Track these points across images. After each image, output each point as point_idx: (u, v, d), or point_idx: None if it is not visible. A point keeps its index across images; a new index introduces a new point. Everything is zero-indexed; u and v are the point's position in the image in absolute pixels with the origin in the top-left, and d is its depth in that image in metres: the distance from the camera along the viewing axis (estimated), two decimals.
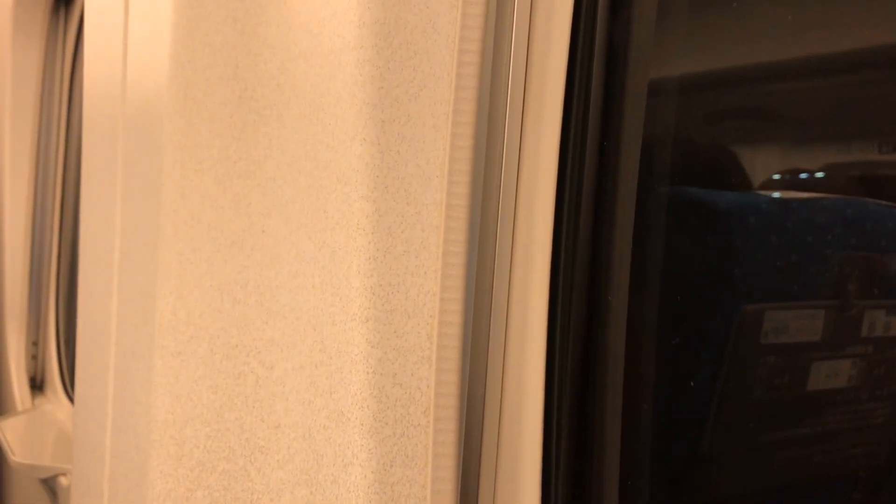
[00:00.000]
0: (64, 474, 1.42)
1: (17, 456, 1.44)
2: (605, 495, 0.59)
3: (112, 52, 0.87)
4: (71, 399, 1.81)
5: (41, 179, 1.91)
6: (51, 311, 1.93)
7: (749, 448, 0.57)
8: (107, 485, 0.85)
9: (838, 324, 0.52)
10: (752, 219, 0.55)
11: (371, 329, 0.53)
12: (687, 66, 0.59)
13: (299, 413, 0.60)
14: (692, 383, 0.58)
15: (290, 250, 0.61)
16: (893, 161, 0.48)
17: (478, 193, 0.56)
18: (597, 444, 0.59)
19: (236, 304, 0.65)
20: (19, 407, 1.85)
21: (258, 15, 0.63)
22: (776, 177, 0.55)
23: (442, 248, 0.53)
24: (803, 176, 0.53)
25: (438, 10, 0.52)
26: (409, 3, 0.52)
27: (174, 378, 0.66)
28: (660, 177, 0.58)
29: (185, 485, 0.65)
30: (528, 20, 0.56)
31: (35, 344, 1.94)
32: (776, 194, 0.55)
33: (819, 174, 0.53)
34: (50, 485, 1.52)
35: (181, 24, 0.66)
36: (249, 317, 0.64)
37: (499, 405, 0.59)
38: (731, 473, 0.58)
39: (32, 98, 1.85)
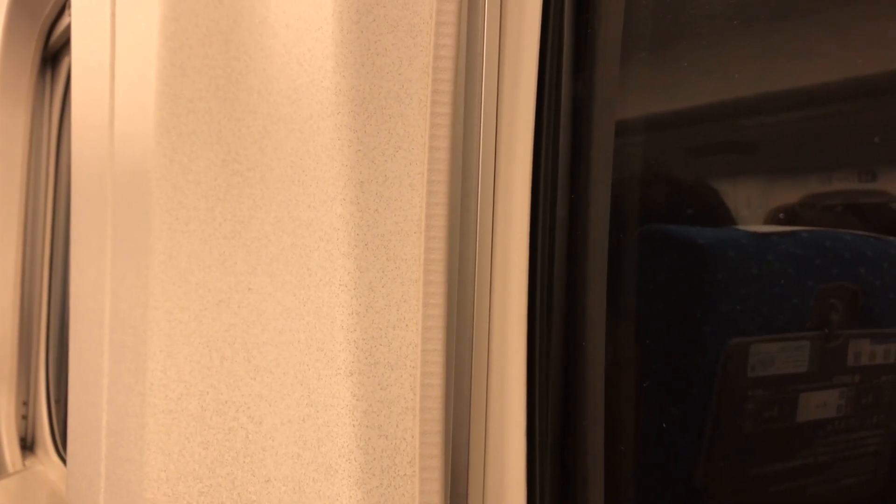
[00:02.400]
0: None
1: None
2: None
3: (99, 118, 0.89)
4: (62, 459, 1.80)
5: (29, 240, 1.92)
6: (41, 371, 1.92)
7: (736, 480, 0.57)
8: None
9: (823, 354, 0.53)
10: (731, 253, 0.57)
11: (356, 382, 0.55)
12: (650, 107, 0.61)
13: (289, 467, 0.61)
14: (679, 417, 0.59)
15: (276, 307, 0.62)
16: (864, 191, 0.50)
17: (454, 247, 0.58)
18: (581, 489, 0.60)
19: (224, 361, 0.66)
20: (10, 468, 1.84)
21: (239, 82, 0.65)
22: (752, 211, 0.57)
23: (422, 300, 0.55)
24: (778, 209, 0.55)
25: (410, 77, 0.54)
26: (382, 70, 0.54)
27: (166, 435, 0.67)
28: (631, 219, 0.60)
29: None
30: (497, 82, 0.59)
31: (25, 404, 1.93)
32: (753, 228, 0.56)
33: (792, 207, 0.54)
34: None
35: (165, 91, 0.68)
36: (238, 373, 0.65)
37: (483, 453, 0.60)
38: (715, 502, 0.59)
39: (20, 159, 1.86)
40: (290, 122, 0.60)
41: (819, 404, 0.54)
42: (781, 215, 0.55)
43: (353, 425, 0.55)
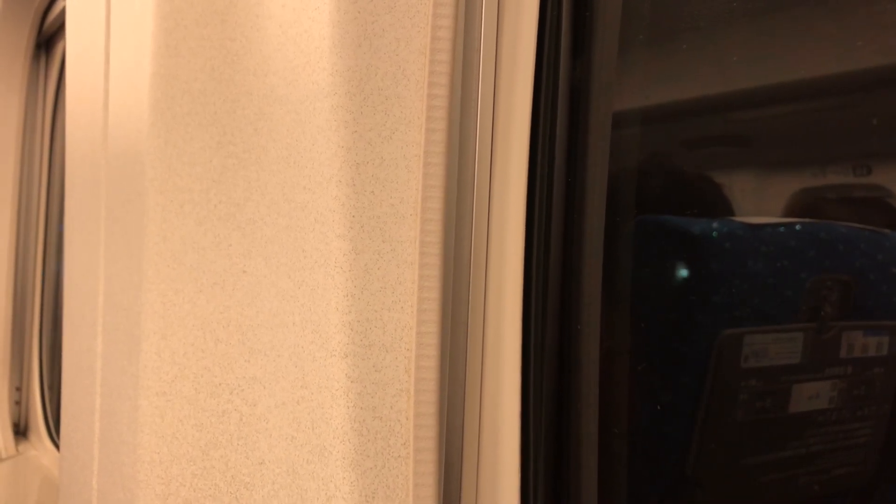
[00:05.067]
0: None
1: (2, 503, 1.43)
2: None
3: (94, 100, 0.89)
4: (55, 444, 1.80)
5: (23, 223, 1.91)
6: (34, 357, 1.92)
7: (728, 470, 0.58)
8: None
9: (816, 346, 0.54)
10: (726, 244, 0.57)
11: (350, 364, 0.55)
12: (648, 98, 0.61)
13: (283, 449, 0.61)
14: (672, 408, 0.59)
15: (271, 289, 0.62)
16: (862, 184, 0.50)
17: (450, 230, 0.58)
18: (575, 470, 0.60)
19: (219, 343, 0.66)
20: (3, 454, 1.84)
21: (235, 63, 0.65)
22: (748, 202, 0.57)
23: (417, 283, 0.55)
24: (774, 200, 0.55)
25: (407, 58, 0.54)
26: (378, 50, 0.54)
27: (160, 418, 0.67)
28: (628, 206, 0.60)
29: None
30: (494, 64, 0.58)
31: (18, 389, 1.93)
32: (748, 219, 0.56)
33: (789, 198, 0.54)
34: None
35: (160, 72, 0.68)
36: (232, 355, 0.65)
37: (477, 435, 0.60)
38: (708, 494, 0.59)
39: (13, 144, 1.85)
40: (285, 103, 0.60)
41: (812, 395, 0.54)
42: (778, 206, 0.55)
43: (348, 407, 0.55)
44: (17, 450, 1.86)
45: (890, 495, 0.54)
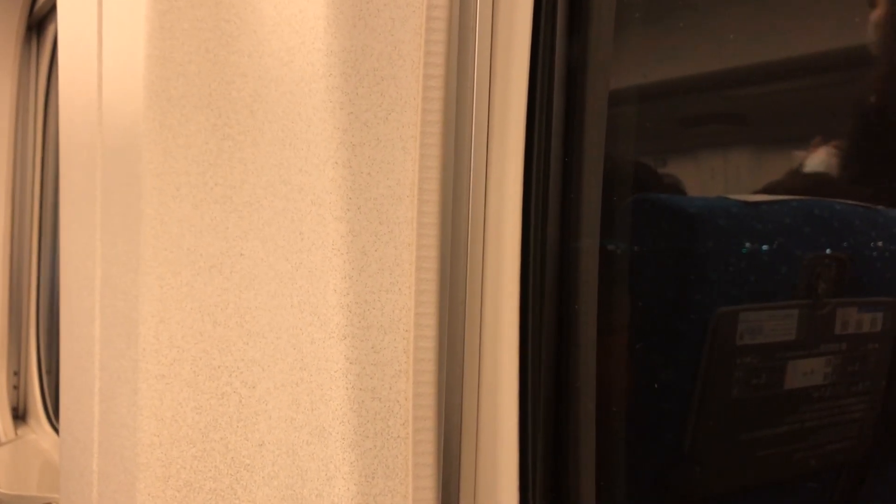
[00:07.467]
0: (51, 503, 1.42)
1: (2, 487, 1.43)
2: (581, 499, 0.60)
3: (87, 83, 0.88)
4: (54, 428, 1.80)
5: (18, 207, 1.91)
6: (31, 341, 1.92)
7: (725, 448, 0.58)
8: None
9: (811, 322, 0.54)
10: (722, 221, 0.57)
11: (349, 346, 0.55)
12: (644, 77, 0.61)
13: (282, 430, 0.61)
14: (668, 386, 0.60)
15: (268, 272, 0.62)
16: (855, 160, 0.50)
17: (447, 210, 0.58)
18: (572, 449, 0.61)
19: (217, 326, 0.66)
20: (2, 437, 1.84)
21: (230, 44, 0.65)
22: (743, 180, 0.57)
23: (415, 264, 0.55)
24: (769, 178, 0.55)
25: (402, 38, 0.54)
26: (374, 30, 0.54)
27: (159, 400, 0.67)
28: (625, 184, 0.60)
29: None
30: (490, 43, 0.58)
31: (16, 374, 1.93)
32: (743, 197, 0.56)
33: (784, 176, 0.54)
34: None
35: (154, 54, 0.67)
36: (230, 338, 0.65)
37: (475, 414, 0.60)
38: (706, 472, 0.60)
39: (6, 127, 1.84)
40: (281, 84, 0.60)
41: (806, 372, 0.54)
42: (772, 184, 0.55)
43: (347, 388, 0.55)
44: (16, 434, 1.86)
45: (885, 469, 0.55)
